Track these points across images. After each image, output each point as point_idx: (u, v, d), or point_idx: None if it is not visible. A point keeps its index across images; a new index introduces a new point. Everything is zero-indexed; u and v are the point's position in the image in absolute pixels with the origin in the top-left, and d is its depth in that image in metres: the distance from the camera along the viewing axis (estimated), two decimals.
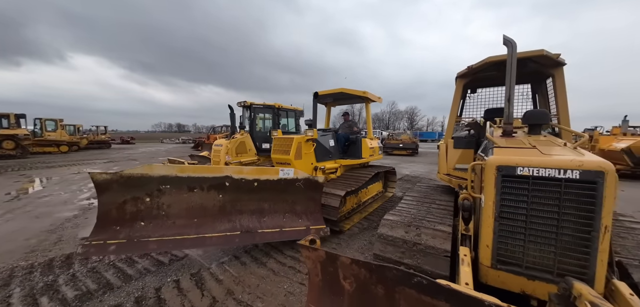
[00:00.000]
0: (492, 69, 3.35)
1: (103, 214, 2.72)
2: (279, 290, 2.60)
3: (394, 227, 2.50)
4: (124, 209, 2.79)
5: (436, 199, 3.47)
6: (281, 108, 7.89)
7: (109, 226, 2.73)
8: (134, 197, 2.81)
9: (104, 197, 2.74)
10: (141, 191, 2.84)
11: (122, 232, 2.73)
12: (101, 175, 2.69)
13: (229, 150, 6.70)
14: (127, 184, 2.78)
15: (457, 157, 3.76)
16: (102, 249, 2.60)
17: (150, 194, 2.88)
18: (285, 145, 4.64)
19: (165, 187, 2.93)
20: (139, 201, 2.83)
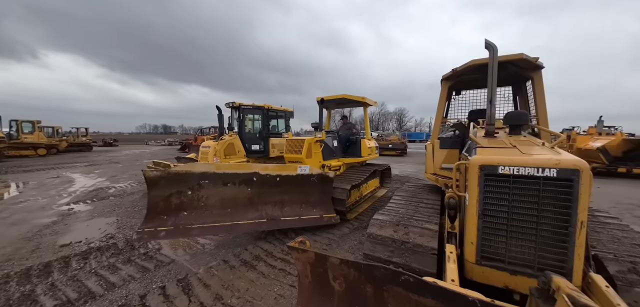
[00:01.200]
0: (475, 72, 3.46)
1: (152, 206, 3.22)
2: (269, 293, 2.58)
3: (383, 226, 2.53)
4: (169, 201, 3.29)
5: (424, 198, 3.54)
6: (271, 109, 7.83)
7: (158, 215, 3.23)
8: (178, 191, 3.33)
9: (153, 191, 3.23)
10: (184, 186, 3.35)
11: (169, 221, 3.24)
12: (152, 172, 3.21)
13: (217, 152, 6.58)
14: (172, 180, 3.29)
15: (443, 157, 3.86)
16: (153, 234, 3.11)
17: (191, 188, 3.39)
18: (297, 145, 5.10)
19: (204, 182, 3.45)
20: (182, 194, 3.34)
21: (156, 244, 3.68)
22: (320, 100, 5.56)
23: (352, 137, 6.45)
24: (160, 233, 3.14)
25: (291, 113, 8.67)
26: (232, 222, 3.49)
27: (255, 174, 3.73)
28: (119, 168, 11.48)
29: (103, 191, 7.04)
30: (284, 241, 3.77)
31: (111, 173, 10.03)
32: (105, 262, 3.17)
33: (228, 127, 7.23)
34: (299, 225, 3.93)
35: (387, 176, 7.27)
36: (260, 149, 7.54)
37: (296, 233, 4.05)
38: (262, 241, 3.76)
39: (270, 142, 7.68)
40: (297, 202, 4.05)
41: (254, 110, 7.57)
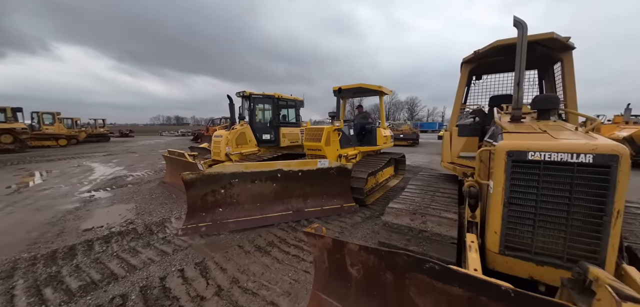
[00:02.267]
0: (499, 54, 3.27)
1: (191, 205, 3.60)
2: (284, 278, 2.60)
3: (399, 215, 2.48)
4: (206, 200, 3.67)
5: (440, 187, 3.44)
6: (281, 98, 7.79)
7: (197, 212, 3.63)
8: (212, 190, 3.69)
9: (191, 192, 3.58)
10: (217, 185, 3.71)
11: (207, 217, 3.64)
12: (188, 175, 3.54)
13: (229, 141, 6.63)
14: (207, 181, 3.64)
15: (462, 145, 3.71)
16: (196, 230, 3.52)
17: (224, 186, 3.75)
18: (316, 134, 5.27)
19: (234, 181, 3.80)
20: (216, 192, 3.71)
21: (174, 229, 3.78)
22: (338, 89, 5.58)
23: (367, 126, 6.50)
24: (201, 228, 3.55)
25: (301, 102, 8.59)
26: (262, 215, 3.90)
27: (279, 171, 4.02)
28: (135, 158, 11.85)
29: (121, 179, 7.28)
30: (297, 229, 3.78)
31: (128, 162, 10.36)
32: (126, 245, 3.28)
33: (239, 117, 7.25)
34: (322, 215, 4.22)
35: (402, 163, 7.18)
36: (271, 138, 7.55)
37: (308, 222, 4.06)
38: (275, 228, 3.79)
39: (281, 131, 7.67)
40: (319, 194, 4.38)
41: (264, 99, 7.55)
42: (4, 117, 13.55)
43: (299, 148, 8.50)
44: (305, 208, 4.21)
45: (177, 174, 6.05)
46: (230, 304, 2.24)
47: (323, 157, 5.20)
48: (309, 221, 4.04)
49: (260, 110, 7.85)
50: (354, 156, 5.92)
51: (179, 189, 5.56)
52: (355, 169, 4.95)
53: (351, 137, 6.02)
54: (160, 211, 4.57)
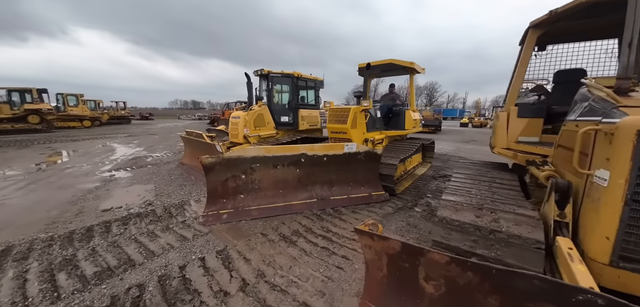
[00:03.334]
0: (581, 15, 2.63)
1: (211, 190, 3.34)
2: (315, 275, 2.27)
3: (460, 209, 2.03)
4: (226, 185, 3.39)
5: (494, 177, 2.94)
6: (301, 77, 7.33)
7: (217, 199, 3.36)
8: (233, 175, 3.41)
9: (211, 176, 3.30)
10: (238, 170, 3.42)
11: (228, 204, 3.39)
12: (208, 159, 3.24)
13: (247, 122, 6.32)
14: (227, 165, 3.35)
15: (522, 128, 3.14)
16: (217, 217, 3.26)
17: (245, 171, 3.46)
18: (341, 115, 4.83)
19: (256, 166, 3.50)
20: (237, 178, 3.43)
21: (193, 213, 3.56)
22: (366, 65, 5.05)
23: (395, 108, 5.94)
24: (222, 216, 3.28)
25: (321, 82, 8.10)
26: (285, 202, 3.59)
27: (302, 155, 3.69)
28: (155, 139, 11.96)
29: (141, 159, 7.25)
30: (323, 217, 3.44)
31: (148, 144, 10.43)
32: (144, 229, 3.08)
33: (256, 97, 6.89)
34: (349, 204, 3.86)
35: (430, 150, 6.61)
36: (289, 120, 7.18)
37: (334, 212, 3.70)
38: (299, 215, 3.47)
39: (300, 113, 7.27)
40: (345, 181, 4.01)
41: (282, 78, 7.12)
42: (31, 98, 14.06)
43: (317, 132, 8.11)
44: (331, 196, 3.85)
45: (195, 156, 5.86)
46: (257, 303, 1.94)
47: (348, 141, 4.78)
48: (335, 210, 3.67)
49: (278, 92, 7.45)
50: (380, 141, 5.45)
51: (198, 171, 5.37)
52: (384, 154, 4.50)
53: (377, 120, 5.50)
54: (179, 193, 4.38)
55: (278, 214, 3.47)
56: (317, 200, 3.75)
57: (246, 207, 3.44)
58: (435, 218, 2.00)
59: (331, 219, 3.40)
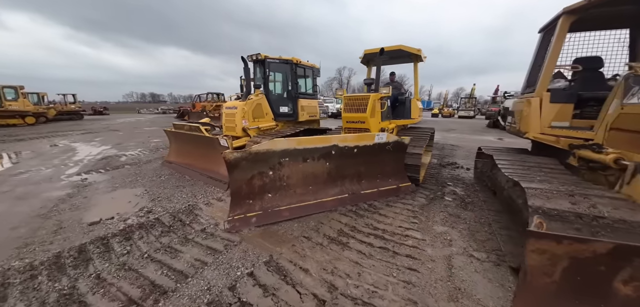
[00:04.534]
0: (616, 3, 2.68)
1: (236, 190, 2.88)
2: (391, 281, 2.00)
3: (550, 197, 1.90)
4: (252, 184, 2.94)
5: (537, 162, 2.93)
6: (299, 64, 6.84)
7: (243, 200, 2.91)
8: (260, 172, 2.97)
9: (235, 174, 2.84)
10: (265, 166, 2.99)
11: (256, 205, 2.94)
12: (232, 154, 2.76)
13: (246, 113, 5.71)
14: (254, 160, 2.90)
15: (555, 113, 3.17)
16: (244, 222, 2.81)
17: (273, 167, 3.04)
18: (360, 103, 4.53)
19: (284, 160, 3.09)
20: (264, 175, 2.99)
21: (209, 218, 3.02)
22: (380, 51, 4.75)
23: (400, 97, 5.78)
24: (251, 219, 2.85)
25: (318, 70, 7.68)
26: (316, 200, 3.25)
27: (334, 147, 3.34)
28: (121, 136, 10.45)
29: (114, 159, 6.19)
30: (360, 214, 3.16)
31: (115, 141, 9.04)
32: (157, 243, 2.50)
33: (254, 86, 6.26)
34: (379, 197, 3.62)
35: (431, 139, 6.67)
36: (289, 111, 6.69)
37: (369, 206, 3.44)
38: (336, 214, 3.15)
39: (299, 103, 6.81)
40: (374, 173, 3.76)
41: (280, 65, 6.56)
42: None
43: (315, 123, 7.74)
44: (361, 190, 3.56)
45: (187, 153, 5.16)
46: None
47: (366, 131, 4.53)
48: (369, 205, 3.42)
49: (272, 82, 6.88)
50: (391, 130, 5.29)
51: (193, 169, 4.70)
52: None
53: (389, 109, 5.34)
54: (180, 196, 3.75)
55: (310, 213, 3.11)
56: (349, 195, 3.45)
57: (275, 207, 3.01)
58: (529, 207, 1.84)
59: (370, 215, 3.14)
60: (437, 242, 2.55)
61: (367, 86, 5.85)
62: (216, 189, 4.02)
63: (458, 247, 2.47)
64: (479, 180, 4.53)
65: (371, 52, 5.67)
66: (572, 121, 3.14)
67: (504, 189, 3.11)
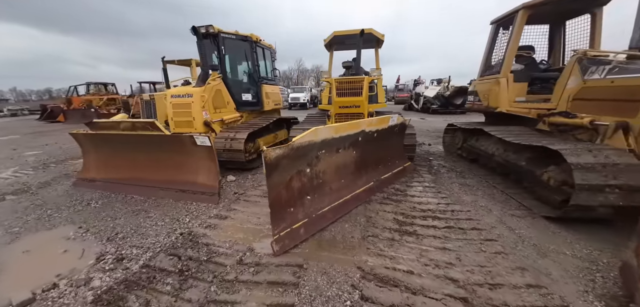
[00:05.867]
0: (563, 1, 3.51)
1: (276, 198, 2.21)
2: (487, 255, 2.02)
3: (575, 153, 2.34)
4: (291, 187, 2.38)
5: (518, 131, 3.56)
6: (259, 43, 5.88)
7: (285, 209, 2.31)
8: (298, 171, 2.44)
9: (274, 178, 2.16)
10: (304, 162, 2.49)
11: (299, 212, 2.39)
12: (274, 151, 2.11)
13: (206, 102, 4.49)
14: (295, 157, 2.32)
15: (517, 90, 3.96)
16: (293, 235, 2.23)
17: (310, 163, 2.55)
18: (354, 86, 4.33)
19: (321, 153, 2.64)
20: (302, 173, 2.49)
21: (234, 242, 2.23)
22: (361, 32, 4.59)
23: (371, 83, 5.87)
24: (299, 231, 2.28)
25: (274, 52, 6.89)
26: (351, 194, 2.92)
27: (361, 133, 3.08)
28: None
29: None
30: (392, 198, 3.10)
31: None
32: (187, 304, 1.63)
33: (211, 66, 4.95)
34: (393, 181, 3.60)
35: None
36: (252, 99, 5.73)
37: (396, 191, 3.41)
38: (371, 203, 2.97)
39: (264, 90, 5.95)
40: (387, 157, 3.74)
41: (237, 42, 5.46)
42: None
43: (276, 113, 6.99)
44: (381, 176, 3.48)
45: (130, 162, 3.66)
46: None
47: (360, 116, 4.42)
48: (395, 190, 3.38)
49: (235, 58, 5.72)
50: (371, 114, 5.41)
51: (144, 185, 3.41)
52: None
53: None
54: (153, 225, 2.62)
55: (350, 210, 2.79)
56: (374, 183, 3.30)
57: (318, 210, 2.52)
58: (571, 168, 2.21)
59: (404, 198, 3.12)
60: (480, 211, 2.77)
61: (346, 70, 5.71)
62: (201, 206, 3.03)
63: (498, 211, 2.76)
64: (449, 152, 5.27)
65: (343, 34, 5.50)
66: (527, 97, 4.00)
67: (494, 155, 3.70)
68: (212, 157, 3.18)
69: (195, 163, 3.31)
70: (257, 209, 2.91)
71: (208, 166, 3.25)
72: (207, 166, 3.25)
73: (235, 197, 3.28)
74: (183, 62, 8.16)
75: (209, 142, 3.12)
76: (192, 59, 7.83)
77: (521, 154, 3.19)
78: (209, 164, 3.23)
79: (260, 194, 3.34)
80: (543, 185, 2.77)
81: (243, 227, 2.53)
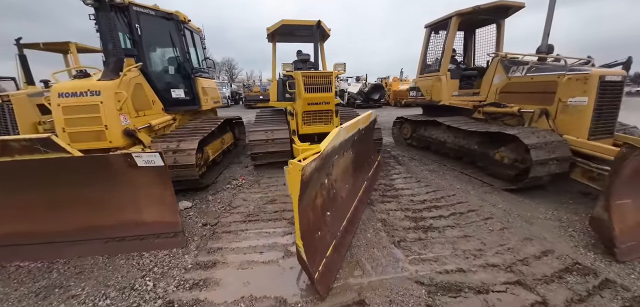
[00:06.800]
0: (489, 12, 4.34)
1: (306, 227, 1.63)
2: (503, 239, 2.25)
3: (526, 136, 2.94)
4: (315, 206, 1.90)
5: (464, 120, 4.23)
6: (186, 23, 4.57)
7: (313, 235, 1.77)
8: (321, 184, 2.04)
9: (304, 200, 1.64)
10: (324, 172, 2.10)
11: (326, 235, 1.92)
12: (309, 165, 1.52)
13: (123, 101, 3.10)
14: (322, 167, 1.87)
15: (452, 86, 4.70)
16: (330, 265, 1.78)
17: (328, 172, 2.19)
18: (323, 81, 3.96)
19: (335, 158, 2.32)
20: (322, 186, 2.07)
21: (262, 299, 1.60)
22: (317, 23, 4.28)
23: None
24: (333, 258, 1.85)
25: (203, 37, 5.63)
26: (357, 199, 2.70)
27: (358, 132, 2.87)
28: None
29: None
30: (389, 195, 3.08)
31: None
32: None
33: (125, 52, 3.43)
34: (377, 177, 3.57)
35: None
36: (185, 96, 4.47)
37: (387, 188, 3.40)
38: (374, 205, 2.83)
39: (199, 84, 4.75)
40: (367, 154, 3.65)
41: (160, 21, 4.09)
42: None
43: (213, 113, 5.79)
44: (368, 174, 3.38)
45: (9, 211, 2.08)
46: None
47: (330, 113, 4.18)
48: (384, 185, 3.36)
49: (157, 41, 4.25)
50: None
51: (32, 243, 2.06)
52: None
53: None
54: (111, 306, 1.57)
55: (360, 217, 2.55)
56: (367, 182, 3.17)
57: (340, 226, 2.17)
58: (528, 148, 2.76)
59: (397, 193, 3.16)
60: (461, 194, 3.11)
61: (303, 63, 5.27)
62: (161, 256, 2.08)
63: (473, 191, 3.18)
64: (398, 142, 5.79)
65: (293, 24, 5.03)
66: (459, 91, 4.83)
67: (446, 142, 4.28)
68: (164, 182, 2.21)
69: (137, 194, 2.22)
70: (250, 240, 2.23)
71: (160, 194, 2.23)
72: (158, 196, 2.23)
73: (208, 230, 2.42)
74: (53, 46, 5.51)
75: (161, 160, 2.14)
76: (71, 43, 5.40)
77: (472, 139, 3.79)
78: (161, 192, 2.23)
79: (241, 218, 2.61)
80: (497, 163, 3.38)
81: (247, 271, 1.87)
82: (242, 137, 6.26)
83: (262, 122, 4.77)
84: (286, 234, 2.31)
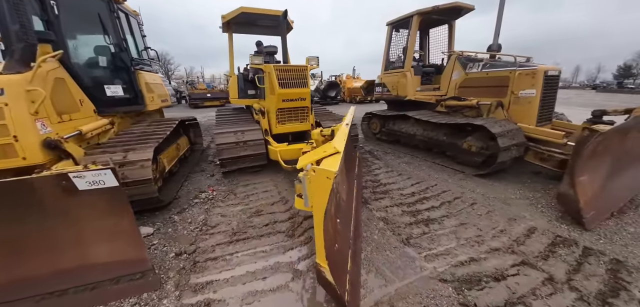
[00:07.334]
0: (444, 13, 4.69)
1: (329, 242, 1.33)
2: (493, 222, 2.40)
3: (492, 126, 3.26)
4: (331, 214, 1.42)
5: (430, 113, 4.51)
6: (120, 3, 3.66)
7: (332, 249, 1.35)
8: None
9: (328, 213, 1.33)
10: None
11: (343, 247, 1.59)
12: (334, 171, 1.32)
13: (38, 102, 2.26)
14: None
15: (416, 82, 4.98)
16: (354, 280, 1.56)
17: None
18: (298, 76, 3.69)
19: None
20: (333, 191, 1.46)
21: None
22: (284, 13, 3.92)
23: None
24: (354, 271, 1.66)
25: (141, 22, 4.68)
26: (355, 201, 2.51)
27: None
28: None
29: None
30: (379, 191, 3.04)
31: None
32: None
33: (37, 35, 2.48)
34: (361, 174, 3.49)
35: None
36: (125, 94, 3.61)
37: (366, 188, 3.34)
38: (370, 205, 2.74)
39: (142, 79, 3.90)
40: (350, 151, 3.47)
41: None
42: None
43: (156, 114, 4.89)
44: (354, 171, 3.23)
45: None
46: None
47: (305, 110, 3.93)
48: (373, 183, 3.30)
49: (81, 28, 3.28)
50: None
51: None
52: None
53: None
54: None
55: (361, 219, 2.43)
56: (356, 181, 3.04)
57: (349, 233, 1.97)
58: (495, 137, 3.05)
59: (387, 189, 3.13)
60: (442, 183, 3.27)
61: (270, 56, 4.82)
62: (129, 305, 1.57)
63: (451, 179, 3.37)
64: (367, 137, 5.89)
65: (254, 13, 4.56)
66: (421, 87, 5.14)
67: (416, 135, 4.50)
68: (121, 207, 1.66)
69: (81, 228, 1.61)
70: (245, 265, 1.87)
71: (114, 224, 1.67)
72: (112, 226, 1.67)
73: (186, 261, 1.93)
74: None
75: (114, 179, 1.60)
76: None
77: (440, 131, 4.06)
78: (116, 221, 1.67)
79: (226, 239, 2.19)
80: (465, 152, 3.68)
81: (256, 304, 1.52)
82: (198, 141, 5.48)
83: (226, 123, 4.22)
84: (287, 250, 2.01)
